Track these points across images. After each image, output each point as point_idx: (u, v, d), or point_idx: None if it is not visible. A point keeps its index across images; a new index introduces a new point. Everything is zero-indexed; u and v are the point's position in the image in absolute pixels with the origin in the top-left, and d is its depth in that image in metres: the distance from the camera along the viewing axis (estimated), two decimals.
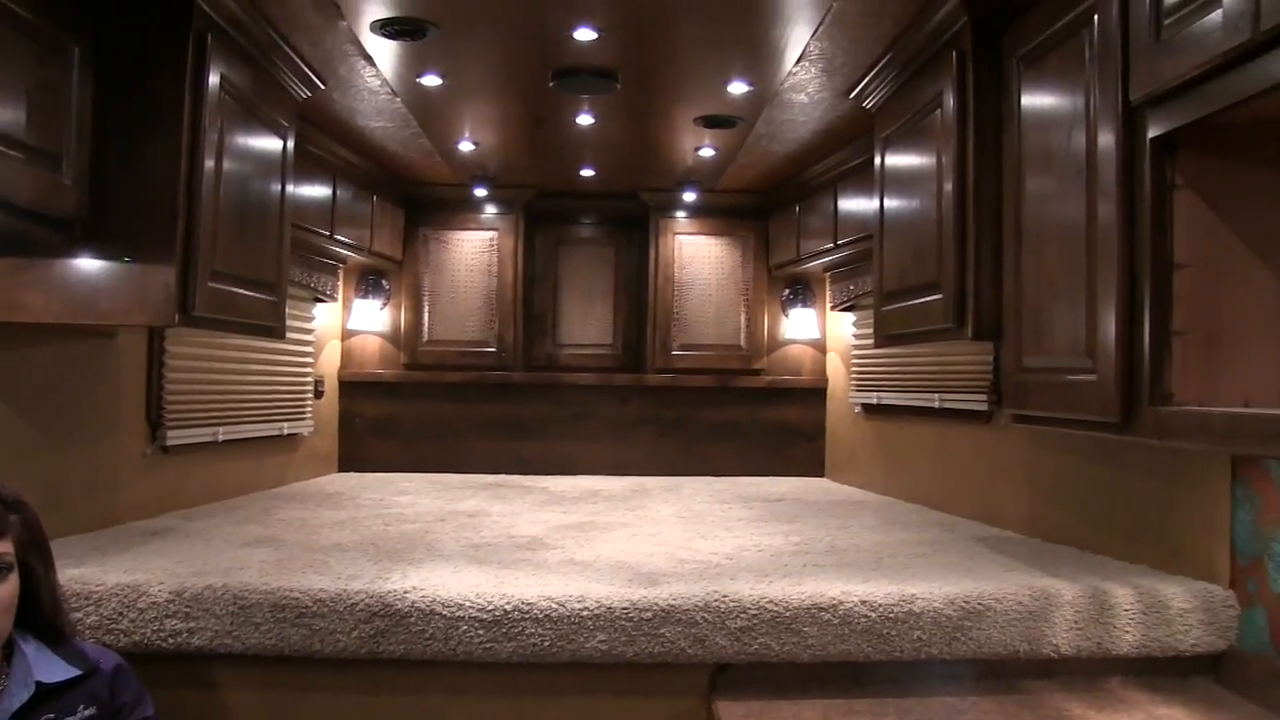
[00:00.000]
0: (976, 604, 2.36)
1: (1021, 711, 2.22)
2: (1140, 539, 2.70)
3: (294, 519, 3.42)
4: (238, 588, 2.34)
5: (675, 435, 5.44)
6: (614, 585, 2.41)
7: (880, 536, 3.24)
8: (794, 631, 2.33)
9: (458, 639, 2.31)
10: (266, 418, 4.24)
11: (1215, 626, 2.38)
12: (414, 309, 5.25)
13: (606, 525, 3.44)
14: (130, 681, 2.00)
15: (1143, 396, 1.98)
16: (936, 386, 3.95)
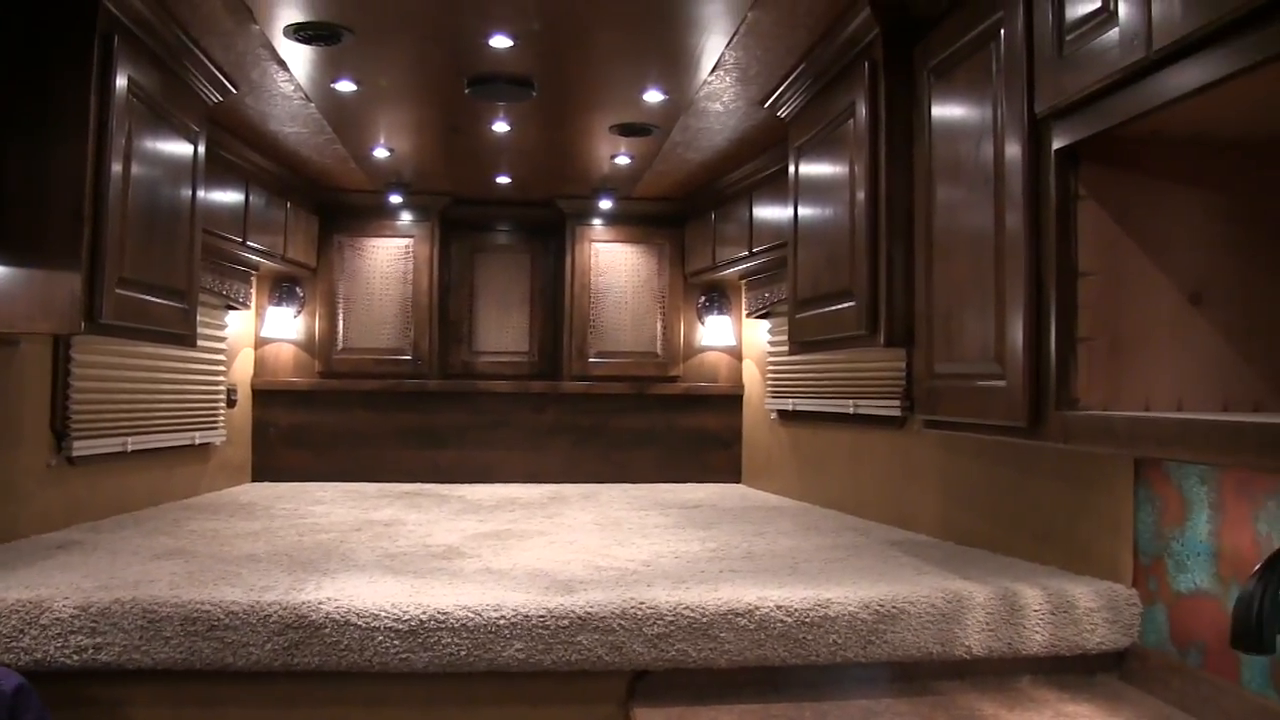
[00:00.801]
0: (891, 607, 2.40)
1: (935, 712, 2.26)
2: (1048, 540, 2.76)
3: (206, 530, 3.36)
4: (147, 601, 2.28)
5: (592, 442, 5.45)
6: (531, 593, 2.40)
7: (796, 542, 3.27)
8: (711, 637, 2.35)
9: (373, 649, 2.28)
10: (177, 427, 4.16)
11: (1119, 624, 2.45)
12: (328, 316, 5.19)
13: (523, 533, 3.43)
14: (32, 702, 1.95)
15: (1049, 401, 2.03)
16: (851, 393, 4.00)
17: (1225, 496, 2.15)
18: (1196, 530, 2.24)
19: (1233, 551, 2.13)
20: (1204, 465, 2.20)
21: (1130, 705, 2.30)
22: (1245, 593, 1.51)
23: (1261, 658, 2.04)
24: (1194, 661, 2.26)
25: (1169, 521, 2.34)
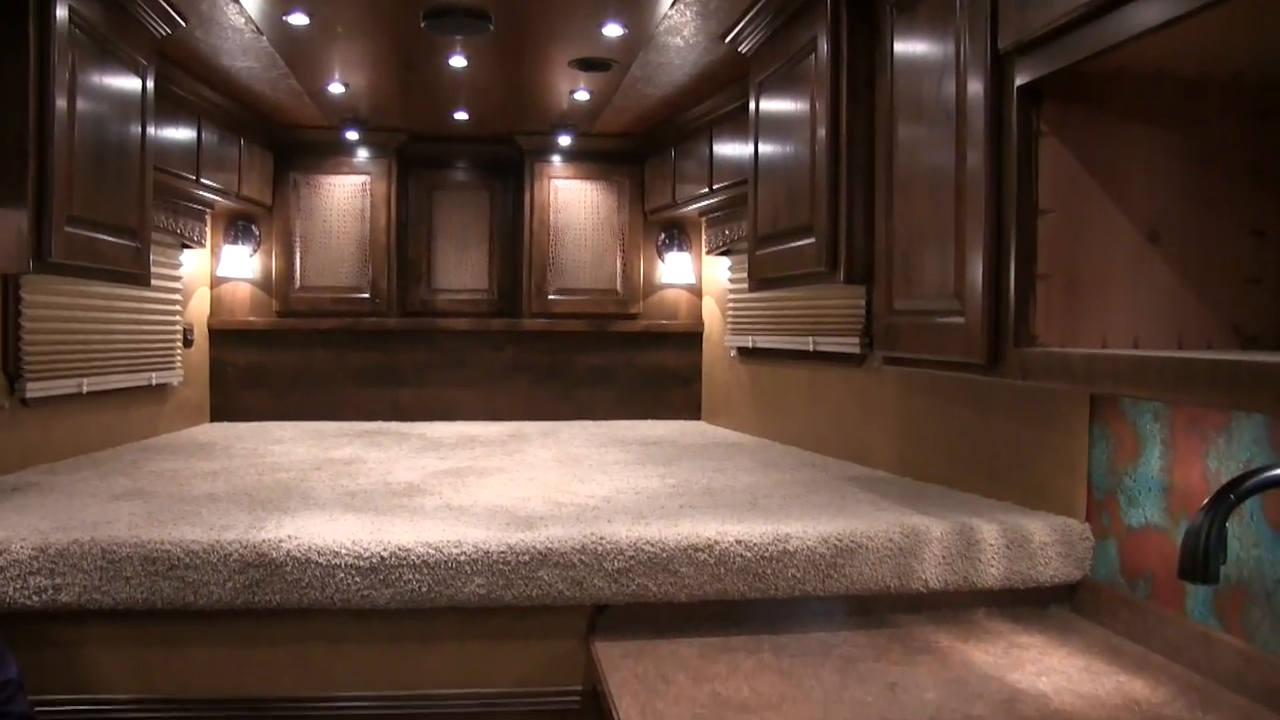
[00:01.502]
0: (849, 542, 2.43)
1: (892, 644, 2.30)
2: (1004, 477, 2.80)
3: (164, 471, 3.34)
4: (106, 542, 2.27)
5: (552, 380, 5.45)
6: (491, 530, 2.41)
7: (755, 478, 3.30)
8: (671, 572, 2.37)
9: (334, 587, 2.29)
10: (133, 368, 4.12)
11: (1072, 558, 2.49)
12: (285, 255, 5.13)
13: (484, 470, 3.44)
14: None
15: (1007, 338, 2.04)
16: (810, 330, 4.02)
17: (1177, 434, 2.19)
18: (1149, 467, 2.28)
19: (1183, 487, 2.17)
20: (1158, 402, 2.23)
21: (1080, 635, 2.35)
22: (1193, 526, 1.54)
23: (1205, 589, 2.10)
24: (1142, 593, 2.31)
25: (1122, 458, 2.38)
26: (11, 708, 1.92)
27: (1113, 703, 1.93)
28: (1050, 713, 1.88)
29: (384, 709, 2.39)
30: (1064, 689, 2.00)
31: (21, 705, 1.94)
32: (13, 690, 1.93)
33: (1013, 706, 1.91)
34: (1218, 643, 2.04)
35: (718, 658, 2.21)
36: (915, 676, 2.08)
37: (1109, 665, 2.15)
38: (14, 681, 1.94)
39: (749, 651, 2.26)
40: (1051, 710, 1.90)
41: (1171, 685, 2.03)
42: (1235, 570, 2.00)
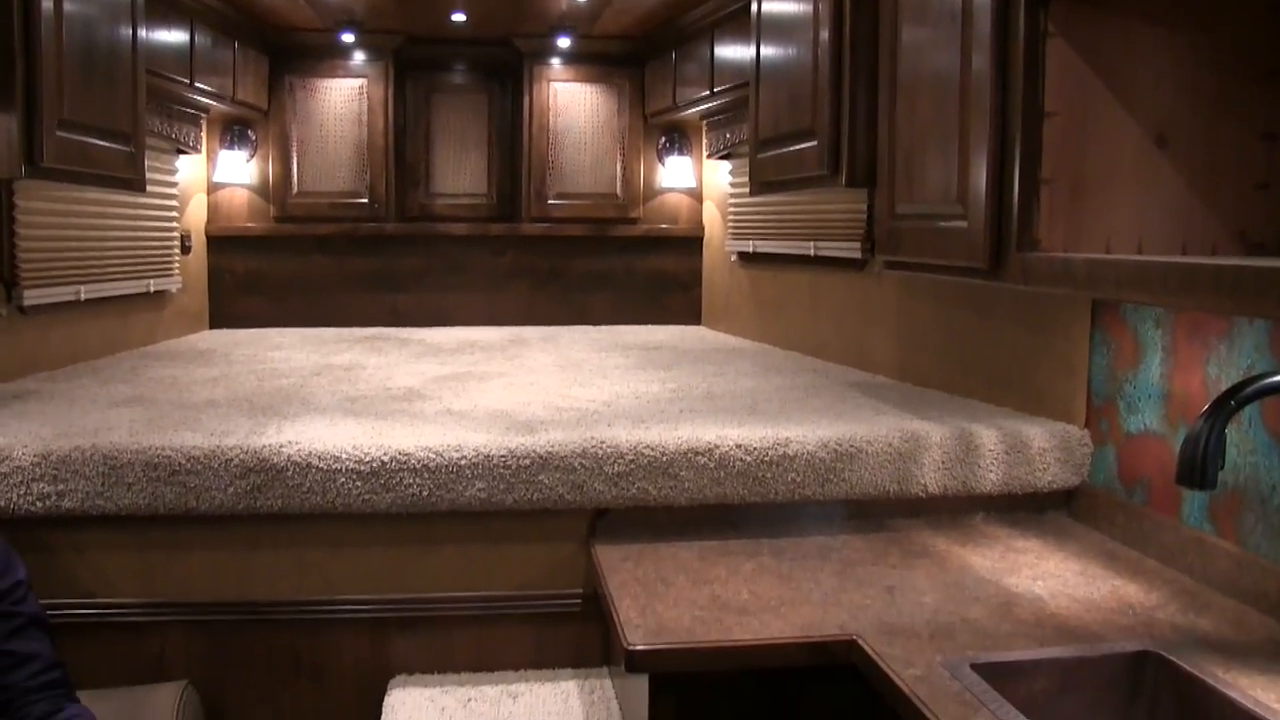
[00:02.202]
0: (849, 446, 2.43)
1: (890, 548, 2.32)
2: (1005, 383, 2.80)
3: (164, 377, 3.34)
4: (107, 448, 2.28)
5: (552, 285, 5.43)
6: (491, 434, 2.42)
7: (755, 382, 3.30)
8: (671, 476, 2.38)
9: (335, 491, 2.30)
10: (131, 275, 4.10)
11: (1070, 464, 2.50)
12: (282, 160, 5.07)
13: (484, 375, 3.44)
14: None
15: (1010, 243, 2.02)
16: (811, 235, 3.99)
17: (1178, 341, 2.18)
18: (1149, 373, 2.27)
19: (1182, 394, 2.17)
20: (1160, 308, 2.22)
21: (1076, 540, 2.37)
22: (1193, 432, 1.54)
23: (1200, 495, 2.11)
24: (1139, 499, 2.32)
25: (1122, 365, 2.37)
26: (22, 608, 1.94)
27: (1107, 606, 1.95)
28: (1046, 616, 1.90)
29: (385, 612, 2.42)
30: (1060, 593, 2.02)
31: (32, 606, 1.96)
32: (22, 592, 1.95)
33: (1009, 609, 1.93)
34: (1211, 547, 2.06)
35: (717, 561, 2.23)
36: (913, 580, 2.10)
37: (1104, 569, 2.17)
38: (23, 583, 1.96)
39: (748, 555, 2.28)
40: (1047, 613, 1.92)
41: (1165, 589, 2.05)
42: (1232, 476, 2.01)
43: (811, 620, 1.89)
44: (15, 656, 1.91)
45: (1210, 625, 1.86)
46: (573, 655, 2.50)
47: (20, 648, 1.92)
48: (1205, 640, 1.79)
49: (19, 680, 1.91)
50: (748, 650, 1.81)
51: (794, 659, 1.83)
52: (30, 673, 1.92)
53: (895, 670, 1.65)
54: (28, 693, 1.91)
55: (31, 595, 1.97)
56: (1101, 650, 1.75)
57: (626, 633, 1.84)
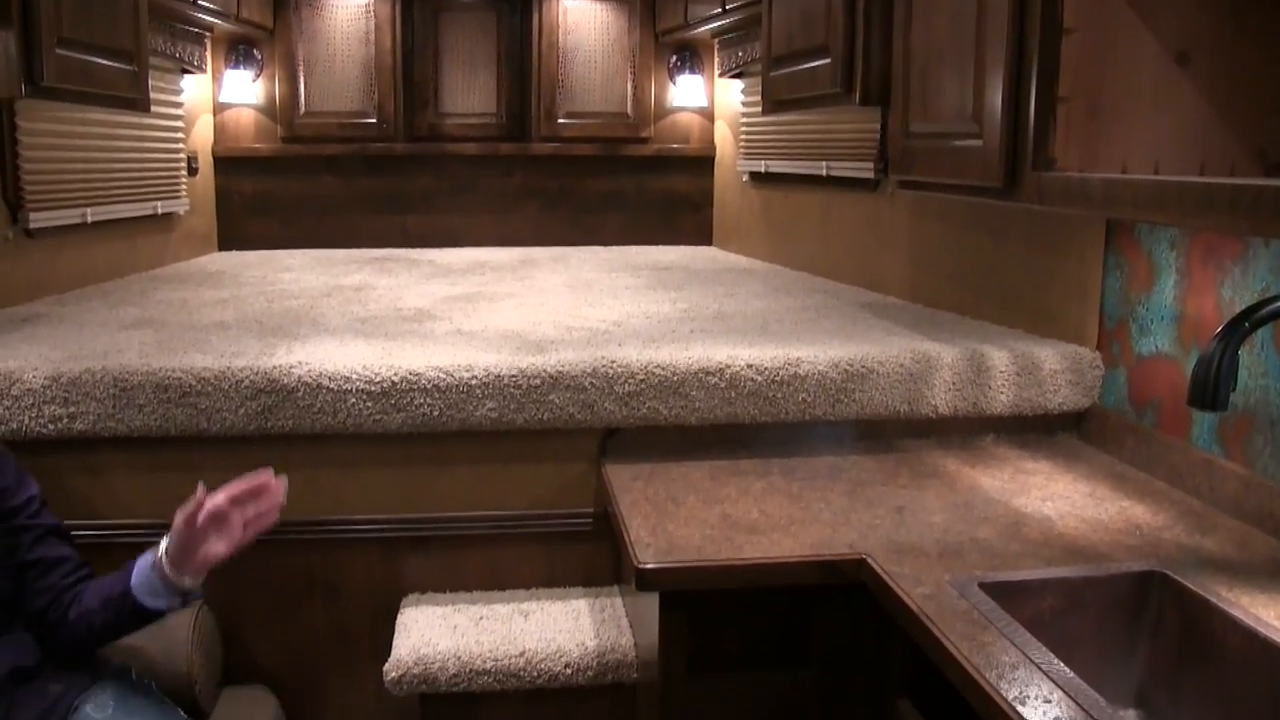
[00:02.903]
0: (860, 367, 2.43)
1: (900, 468, 2.33)
2: (1016, 304, 2.78)
3: (173, 300, 3.34)
4: (118, 370, 2.29)
5: (561, 205, 5.39)
6: (502, 354, 2.42)
7: (766, 303, 3.29)
8: (681, 395, 2.38)
9: (346, 412, 2.31)
10: (138, 197, 4.07)
11: (1081, 386, 2.50)
12: (289, 80, 5.02)
13: (494, 296, 3.43)
14: (9, 463, 1.97)
15: (1026, 162, 1.99)
16: (823, 154, 3.94)
17: (1193, 263, 2.16)
18: (1162, 296, 2.25)
19: (1195, 316, 2.15)
20: (1175, 229, 2.19)
21: (1085, 462, 2.37)
22: (1206, 354, 1.52)
23: (1210, 418, 2.10)
24: (1149, 421, 2.31)
25: (1136, 287, 2.35)
26: (40, 520, 1.96)
27: (1115, 526, 1.96)
28: (1054, 536, 1.91)
29: (397, 531, 2.44)
30: (1068, 513, 2.03)
31: (49, 518, 1.98)
32: (37, 506, 1.97)
33: (1018, 530, 1.94)
34: (1219, 469, 2.06)
35: (727, 480, 2.24)
36: (923, 500, 2.11)
37: (1113, 491, 2.17)
38: (36, 498, 1.97)
39: (758, 474, 2.29)
40: (1055, 534, 1.92)
41: (1172, 510, 2.06)
42: (1242, 399, 2.00)
43: (821, 539, 1.90)
44: (45, 562, 1.94)
45: (1215, 546, 1.87)
46: (583, 574, 2.52)
47: (47, 553, 1.95)
48: (1210, 560, 1.80)
49: (55, 581, 1.94)
50: (758, 569, 1.82)
51: (804, 578, 1.84)
52: (64, 573, 1.95)
53: (904, 589, 1.67)
54: (68, 589, 1.94)
55: (46, 510, 1.99)
56: (1108, 570, 1.76)
57: (637, 551, 1.85)
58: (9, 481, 1.94)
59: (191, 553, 1.85)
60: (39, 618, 1.93)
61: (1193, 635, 1.66)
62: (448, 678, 2.21)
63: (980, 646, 1.47)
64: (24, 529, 1.93)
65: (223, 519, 1.86)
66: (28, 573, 1.93)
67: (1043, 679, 1.38)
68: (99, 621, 1.91)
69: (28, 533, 1.94)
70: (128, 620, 1.92)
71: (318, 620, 2.48)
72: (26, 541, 1.93)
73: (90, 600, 1.92)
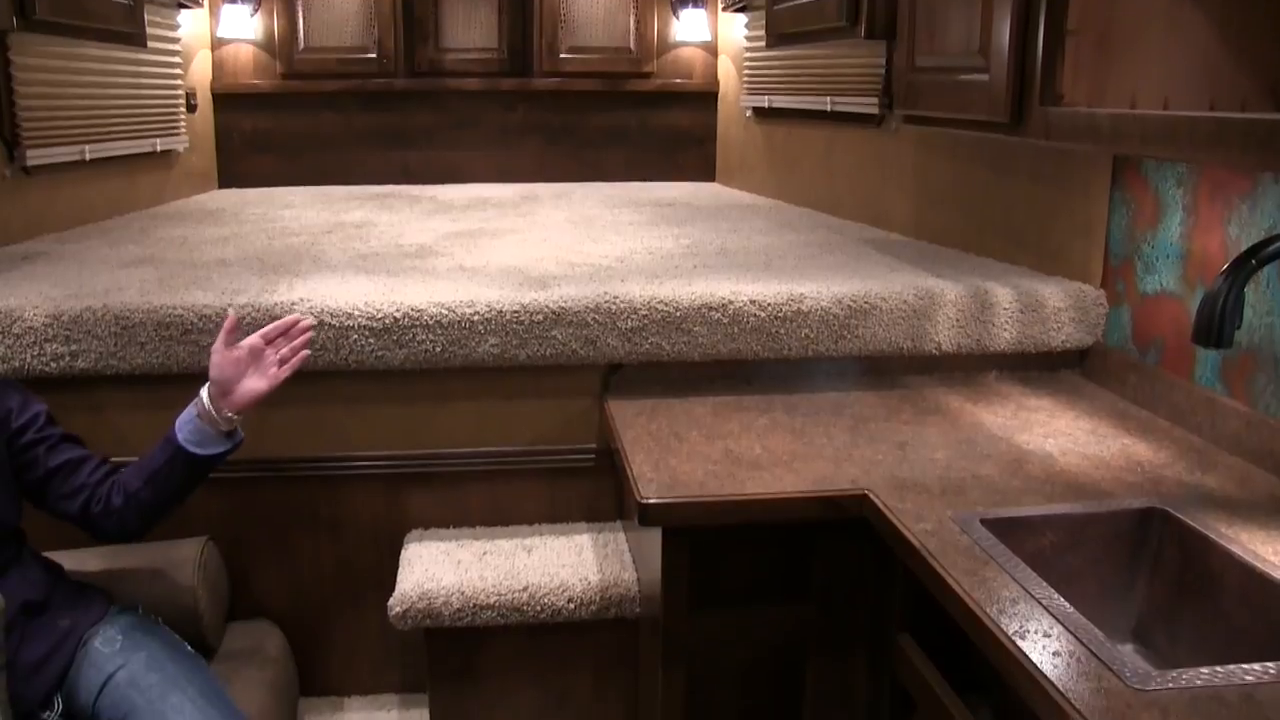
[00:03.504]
0: (863, 303, 2.42)
1: (903, 405, 2.33)
2: (1021, 241, 2.77)
3: (174, 238, 3.32)
4: (119, 308, 2.28)
5: (564, 141, 5.35)
6: (504, 289, 2.41)
7: (770, 239, 3.27)
8: (684, 331, 2.38)
9: (348, 348, 2.31)
10: (136, 134, 4.03)
11: (1085, 324, 2.49)
12: (287, 15, 4.95)
13: (496, 232, 3.41)
14: (8, 388, 1.97)
15: (1033, 97, 1.97)
16: (828, 90, 3.90)
17: (1199, 200, 2.14)
18: (1168, 233, 2.24)
19: (1201, 254, 2.14)
20: (1183, 166, 2.17)
21: (1088, 399, 2.37)
22: (1211, 291, 1.52)
23: (1213, 356, 2.10)
24: (1152, 359, 2.31)
25: (1142, 224, 2.33)
26: (52, 430, 1.96)
27: (1117, 464, 1.96)
28: (1056, 472, 1.91)
29: (400, 467, 2.45)
30: (1070, 450, 2.03)
31: (60, 429, 1.98)
32: (45, 419, 1.97)
33: (1020, 466, 1.94)
34: (1222, 407, 2.06)
35: (730, 416, 2.25)
36: (925, 436, 2.11)
37: (1115, 428, 2.17)
38: (43, 413, 1.97)
39: (761, 410, 2.29)
40: (1057, 470, 1.93)
41: (1174, 448, 2.06)
42: (1246, 337, 1.99)
43: (824, 475, 1.90)
44: (70, 464, 1.95)
45: (1216, 483, 1.87)
46: (586, 509, 2.54)
47: (69, 456, 1.96)
48: (1210, 497, 1.80)
49: (85, 479, 1.95)
50: (760, 504, 1.83)
51: (806, 513, 1.85)
52: (90, 469, 1.97)
53: (906, 525, 1.67)
54: (101, 482, 1.96)
55: (56, 424, 1.99)
56: (1109, 506, 1.77)
57: (640, 486, 1.85)
58: (12, 404, 1.94)
59: (230, 391, 1.95)
60: (82, 516, 1.95)
61: (1191, 571, 1.67)
62: (451, 612, 2.23)
63: (981, 581, 1.47)
64: (38, 442, 1.94)
65: (259, 355, 1.97)
66: (53, 481, 1.94)
67: (1043, 613, 1.39)
68: (148, 497, 1.95)
69: (43, 444, 1.94)
70: (180, 481, 1.97)
71: (322, 556, 2.50)
72: (43, 452, 1.94)
73: (132, 482, 1.94)
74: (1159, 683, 1.22)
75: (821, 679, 2.01)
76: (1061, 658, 1.28)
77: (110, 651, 1.90)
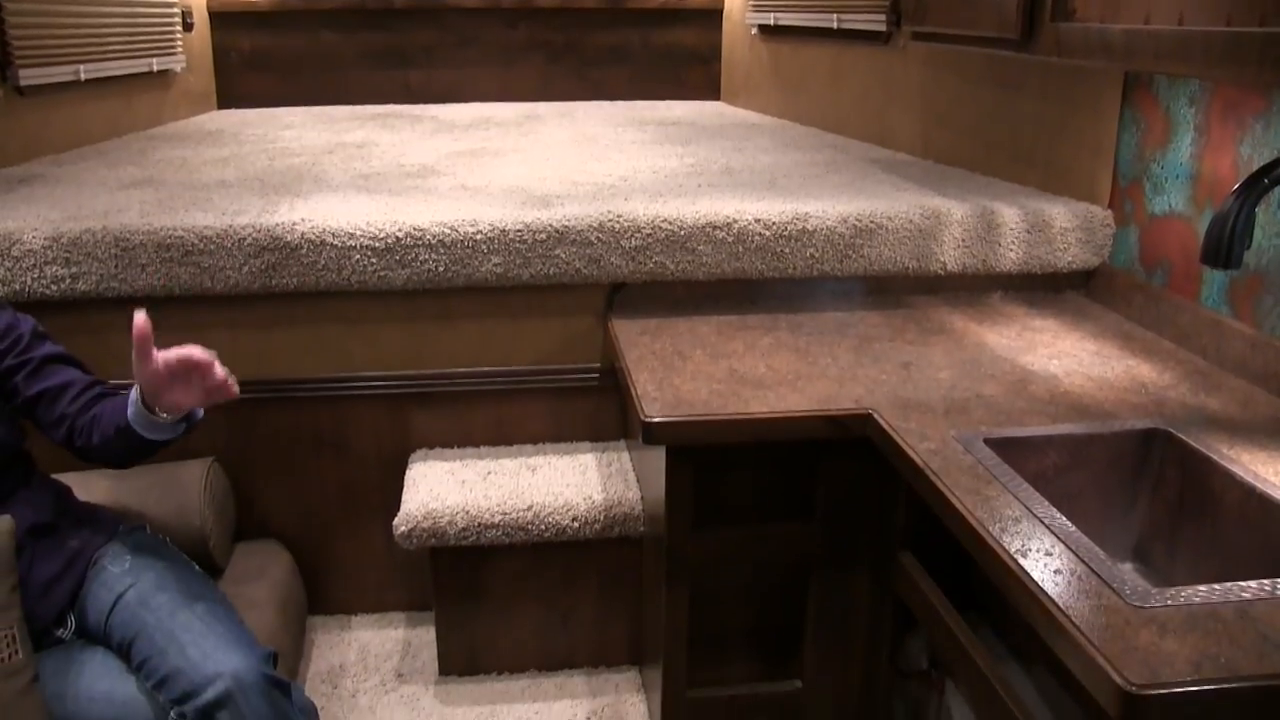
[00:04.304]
0: (869, 222, 2.41)
1: (907, 324, 2.32)
2: (1029, 161, 2.74)
3: (173, 159, 3.29)
4: (118, 230, 2.26)
5: (566, 59, 5.27)
6: (507, 209, 2.39)
7: (775, 158, 3.24)
8: (689, 250, 2.37)
9: (351, 268, 2.30)
10: (132, 53, 3.96)
11: (1091, 245, 2.47)
12: None
13: (498, 151, 3.38)
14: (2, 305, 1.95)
15: (1044, 12, 1.94)
16: (834, 7, 3.83)
17: (1212, 119, 2.11)
18: (1179, 153, 2.21)
19: (1211, 174, 2.11)
20: (1196, 83, 2.14)
21: (1093, 320, 2.36)
22: (1222, 210, 1.50)
23: (1221, 277, 2.09)
24: (1158, 281, 2.30)
25: (1152, 144, 2.31)
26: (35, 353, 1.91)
27: (1121, 385, 1.96)
28: (1060, 393, 1.91)
29: (404, 388, 2.45)
30: (1074, 371, 2.03)
31: (46, 348, 1.93)
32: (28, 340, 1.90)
33: (1024, 387, 1.94)
34: (1227, 329, 2.05)
35: (734, 335, 2.24)
36: (930, 356, 2.11)
37: (1120, 350, 2.17)
38: (27, 333, 1.91)
39: (765, 330, 2.29)
40: (1061, 391, 1.93)
41: (1178, 369, 2.05)
42: (1254, 258, 1.98)
43: (828, 394, 1.90)
44: (49, 392, 1.92)
45: (1219, 405, 1.87)
46: (590, 429, 2.55)
47: (49, 383, 1.92)
48: (1213, 419, 1.80)
49: (65, 409, 1.91)
50: (764, 423, 1.83)
51: (810, 432, 1.85)
52: (71, 397, 1.92)
53: (910, 444, 1.67)
54: (82, 412, 1.91)
55: (48, 341, 1.93)
56: (1112, 427, 1.77)
57: (644, 405, 1.86)
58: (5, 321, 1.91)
59: (160, 398, 1.79)
60: (68, 446, 1.93)
61: (1192, 491, 1.67)
62: (456, 531, 2.25)
63: (984, 500, 1.48)
64: (19, 367, 1.90)
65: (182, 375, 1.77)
66: (37, 408, 1.92)
67: (1044, 532, 1.40)
68: (120, 448, 1.90)
69: (23, 369, 1.91)
70: (141, 448, 1.89)
71: (327, 476, 2.51)
72: (23, 379, 1.91)
73: (107, 427, 1.88)
74: (1158, 600, 1.23)
75: (824, 596, 2.03)
76: (1062, 575, 1.29)
77: (120, 571, 1.91)
